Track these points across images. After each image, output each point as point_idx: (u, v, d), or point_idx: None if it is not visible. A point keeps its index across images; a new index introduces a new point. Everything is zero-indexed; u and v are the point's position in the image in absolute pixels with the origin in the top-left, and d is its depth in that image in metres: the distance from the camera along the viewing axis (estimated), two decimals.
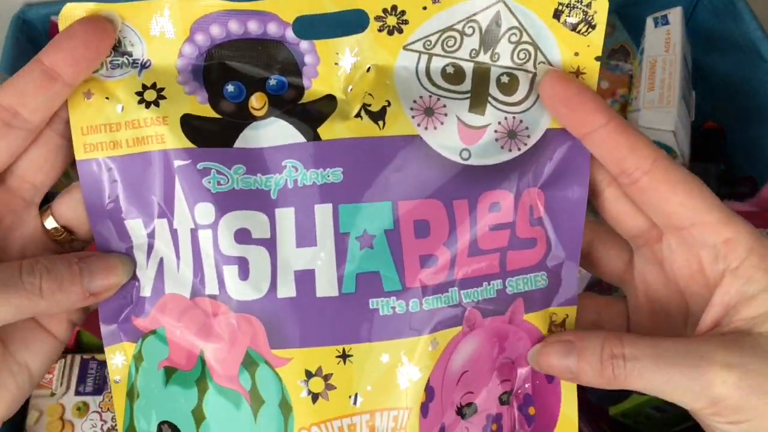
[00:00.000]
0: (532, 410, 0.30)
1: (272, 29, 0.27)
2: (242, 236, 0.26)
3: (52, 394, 0.44)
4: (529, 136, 0.28)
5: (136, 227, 0.27)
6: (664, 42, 0.57)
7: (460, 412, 0.29)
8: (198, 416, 0.27)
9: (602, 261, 0.31)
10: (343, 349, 0.26)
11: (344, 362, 0.26)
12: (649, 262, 0.29)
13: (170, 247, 0.27)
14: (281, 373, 0.26)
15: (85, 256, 0.27)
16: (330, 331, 0.26)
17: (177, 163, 0.26)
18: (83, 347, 0.47)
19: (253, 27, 0.27)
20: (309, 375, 0.26)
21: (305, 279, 0.26)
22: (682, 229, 0.27)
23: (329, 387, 0.27)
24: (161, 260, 0.27)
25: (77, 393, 0.44)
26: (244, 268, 0.26)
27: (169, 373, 0.27)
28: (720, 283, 0.26)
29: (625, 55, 0.65)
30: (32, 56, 0.26)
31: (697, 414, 0.26)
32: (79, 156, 0.27)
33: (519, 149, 0.28)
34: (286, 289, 0.26)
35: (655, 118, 0.54)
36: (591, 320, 0.31)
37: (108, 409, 0.44)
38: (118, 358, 0.28)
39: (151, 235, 0.27)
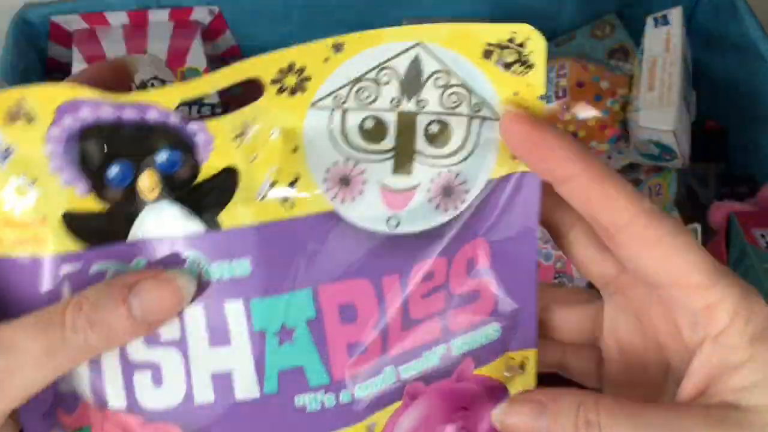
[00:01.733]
0: None
1: (152, 115, 0.23)
2: (151, 339, 0.24)
3: None
4: (467, 191, 0.25)
5: None
6: (664, 42, 0.57)
7: None
8: None
9: (565, 323, 0.29)
10: None
11: None
12: (623, 312, 0.27)
13: None
14: None
15: (134, 284, 0.23)
16: None
17: (65, 269, 0.23)
18: None
19: (130, 114, 0.23)
20: None
21: (223, 382, 0.24)
22: (660, 289, 0.24)
23: None
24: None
25: None
26: (157, 373, 0.24)
27: None
28: (700, 350, 0.24)
29: (625, 55, 0.65)
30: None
31: None
32: None
33: (456, 208, 0.25)
34: (203, 394, 0.24)
35: (655, 118, 0.54)
36: (556, 361, 0.29)
37: None
38: None
39: None
